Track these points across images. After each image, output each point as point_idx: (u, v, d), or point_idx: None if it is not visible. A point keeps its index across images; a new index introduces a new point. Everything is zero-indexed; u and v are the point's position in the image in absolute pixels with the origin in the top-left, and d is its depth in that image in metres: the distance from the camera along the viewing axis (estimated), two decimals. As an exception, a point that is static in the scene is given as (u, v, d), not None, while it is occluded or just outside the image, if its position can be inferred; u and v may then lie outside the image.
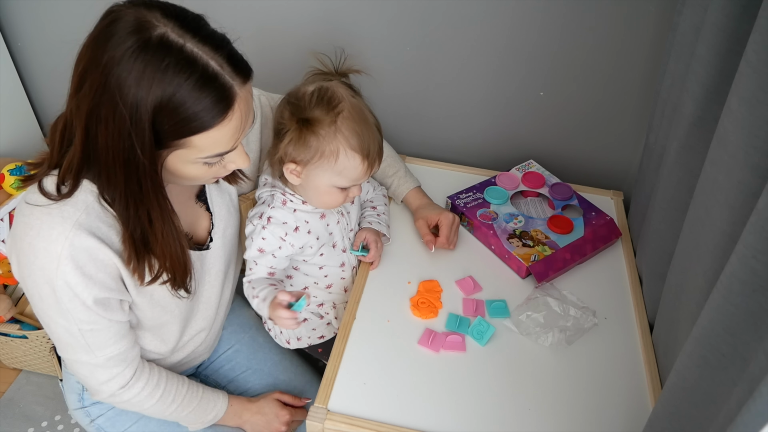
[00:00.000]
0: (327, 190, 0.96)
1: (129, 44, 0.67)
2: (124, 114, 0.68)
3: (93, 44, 0.70)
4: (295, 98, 0.93)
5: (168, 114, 0.69)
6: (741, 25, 0.74)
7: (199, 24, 0.72)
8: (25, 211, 0.77)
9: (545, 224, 1.17)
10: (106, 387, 0.88)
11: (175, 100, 0.68)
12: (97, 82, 0.69)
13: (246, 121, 0.77)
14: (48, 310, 0.80)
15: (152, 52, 0.67)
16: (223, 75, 0.71)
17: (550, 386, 0.93)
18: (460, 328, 1.00)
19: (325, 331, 1.15)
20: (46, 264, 0.76)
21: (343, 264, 1.10)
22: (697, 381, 0.66)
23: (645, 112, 1.28)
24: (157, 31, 0.68)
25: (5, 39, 1.54)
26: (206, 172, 0.80)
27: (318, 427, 0.87)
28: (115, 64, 0.67)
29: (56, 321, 0.81)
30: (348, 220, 1.09)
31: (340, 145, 0.90)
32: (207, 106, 0.70)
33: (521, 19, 1.21)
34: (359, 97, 0.96)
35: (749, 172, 0.63)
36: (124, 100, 0.68)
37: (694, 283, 0.78)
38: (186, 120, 0.70)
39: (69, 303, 0.78)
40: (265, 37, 1.37)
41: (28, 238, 0.76)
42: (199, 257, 0.94)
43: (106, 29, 0.69)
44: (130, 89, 0.67)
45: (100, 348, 0.85)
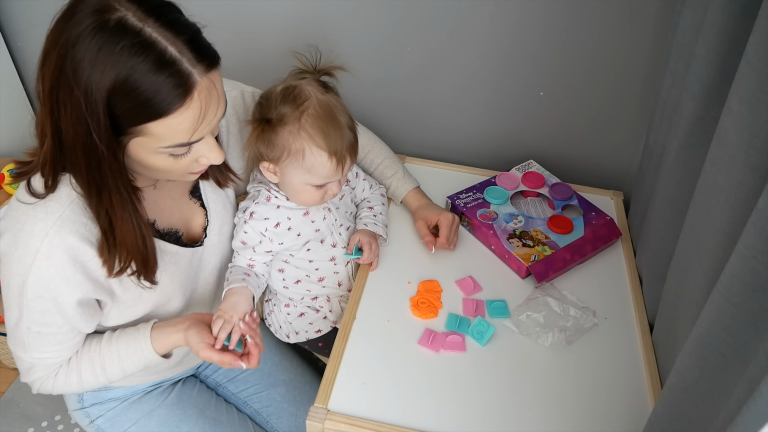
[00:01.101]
0: (302, 188, 0.97)
1: (86, 25, 0.66)
2: (79, 97, 0.67)
3: (56, 24, 0.69)
4: (264, 98, 0.94)
5: (122, 98, 0.68)
6: (741, 25, 0.74)
7: (164, 10, 0.70)
8: (14, 206, 0.78)
9: (545, 224, 1.17)
10: (31, 381, 0.89)
11: (129, 84, 0.67)
12: (55, 64, 0.68)
13: (208, 111, 0.74)
14: (10, 299, 0.81)
15: (108, 34, 0.66)
16: (181, 61, 0.69)
17: (550, 386, 0.93)
18: (460, 328, 1.00)
19: (322, 325, 1.15)
20: (24, 257, 0.76)
21: (334, 258, 1.10)
22: (697, 381, 0.66)
23: (645, 112, 1.28)
24: (117, 13, 0.67)
25: (5, 39, 1.54)
26: (175, 164, 0.77)
27: (318, 427, 0.87)
28: (71, 45, 0.66)
29: (12, 310, 0.82)
30: (336, 216, 1.08)
31: (305, 143, 0.91)
32: (162, 92, 0.68)
33: (521, 19, 1.21)
34: (331, 93, 0.95)
35: (749, 172, 0.63)
36: (78, 83, 0.67)
37: (694, 283, 0.78)
38: (141, 105, 0.68)
39: (32, 301, 0.79)
40: (263, 38, 1.37)
41: (13, 230, 0.77)
42: (193, 253, 0.94)
43: (69, 9, 0.68)
44: (84, 71, 0.66)
45: (36, 350, 0.85)
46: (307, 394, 1.18)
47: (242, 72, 1.47)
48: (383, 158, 1.21)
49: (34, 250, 0.76)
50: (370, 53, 1.35)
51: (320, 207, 1.05)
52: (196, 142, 0.76)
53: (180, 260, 0.92)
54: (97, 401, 1.03)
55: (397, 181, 1.21)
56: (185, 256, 0.93)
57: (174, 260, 0.91)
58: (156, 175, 0.82)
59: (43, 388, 0.90)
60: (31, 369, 0.88)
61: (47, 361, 0.87)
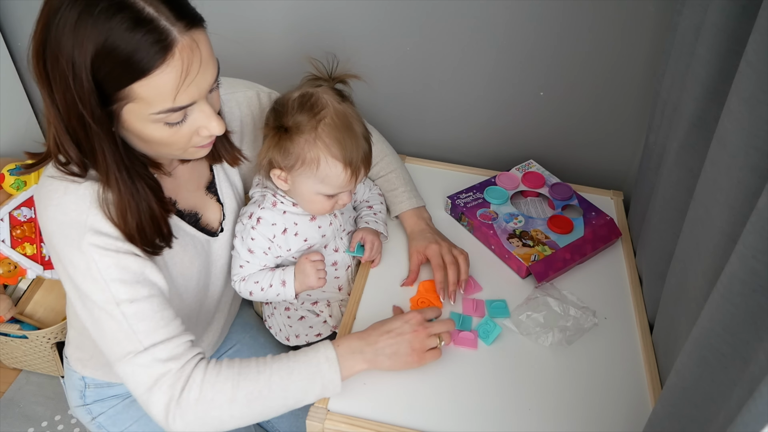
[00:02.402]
0: (313, 198, 0.96)
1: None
2: (64, 66, 0.67)
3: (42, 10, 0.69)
4: (280, 104, 0.93)
5: (103, 61, 0.67)
6: (741, 25, 0.74)
7: None
8: (46, 182, 0.77)
9: (545, 224, 1.17)
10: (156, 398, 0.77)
11: (108, 45, 0.66)
12: (39, 34, 0.68)
13: (191, 70, 0.71)
14: (83, 284, 0.76)
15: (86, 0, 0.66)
16: (159, 18, 0.68)
17: (551, 386, 0.93)
18: (463, 327, 1.00)
19: (322, 329, 1.15)
20: (75, 218, 0.75)
21: (336, 263, 1.10)
22: (697, 381, 0.66)
23: (645, 112, 1.28)
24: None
25: (5, 39, 1.54)
26: (174, 135, 0.76)
27: (318, 427, 0.87)
28: (53, 14, 0.67)
29: (94, 300, 0.76)
30: (341, 222, 1.08)
31: (320, 153, 0.90)
32: (141, 49, 0.67)
33: (521, 18, 1.21)
34: (348, 103, 0.94)
35: (749, 172, 0.63)
36: (62, 51, 0.67)
37: (694, 283, 0.78)
38: (121, 65, 0.68)
39: (101, 262, 0.75)
40: (260, 39, 1.37)
41: (55, 198, 0.76)
42: (208, 242, 0.95)
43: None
44: (68, 40, 0.66)
45: (145, 334, 0.76)
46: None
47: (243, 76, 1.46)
48: (391, 169, 1.18)
49: (86, 207, 0.75)
50: (370, 53, 1.34)
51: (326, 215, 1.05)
52: (188, 107, 0.74)
53: (197, 244, 0.93)
54: (99, 398, 1.03)
55: (400, 195, 1.16)
56: (201, 242, 0.93)
57: (192, 242, 0.91)
58: (160, 151, 0.80)
59: (184, 408, 0.76)
60: (158, 378, 0.76)
61: (167, 345, 0.77)
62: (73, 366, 1.04)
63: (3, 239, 1.43)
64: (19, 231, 1.44)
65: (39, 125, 1.68)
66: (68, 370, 1.05)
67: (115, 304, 0.76)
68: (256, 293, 1.02)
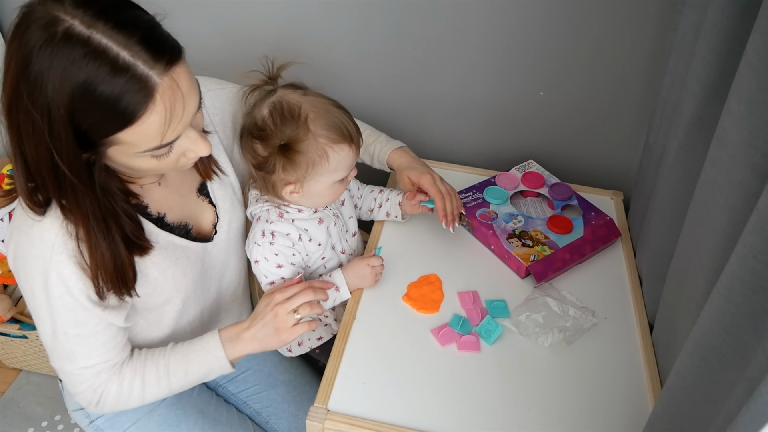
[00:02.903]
0: (329, 189, 0.97)
1: (34, 43, 0.63)
2: (38, 119, 0.65)
3: (8, 47, 0.66)
4: (258, 129, 0.91)
5: (83, 113, 0.65)
6: (741, 25, 0.74)
7: (114, 9, 0.66)
8: (18, 209, 0.77)
9: (545, 224, 1.17)
10: (86, 397, 0.87)
11: (87, 97, 0.64)
12: (9, 87, 0.65)
13: (175, 111, 0.70)
14: (38, 308, 0.79)
15: (57, 48, 0.63)
16: (136, 65, 0.65)
17: (550, 386, 0.93)
18: (463, 329, 1.00)
19: (323, 333, 1.15)
20: (41, 252, 0.75)
21: (341, 265, 1.10)
22: (697, 381, 0.66)
23: (645, 112, 1.28)
24: (63, 24, 0.63)
25: (5, 39, 1.54)
26: (162, 163, 0.75)
27: (318, 427, 0.87)
28: (23, 66, 0.64)
29: (44, 321, 0.80)
30: (344, 222, 1.09)
31: (325, 146, 0.90)
32: (122, 100, 0.65)
33: (521, 19, 1.21)
34: (306, 88, 0.95)
35: (749, 172, 0.63)
36: (35, 104, 0.64)
37: (694, 283, 0.78)
38: (103, 117, 0.66)
39: (59, 300, 0.77)
40: (258, 40, 1.37)
41: (25, 227, 0.75)
42: (203, 249, 0.94)
43: (17, 27, 0.66)
44: (40, 91, 0.64)
45: (82, 357, 0.83)
46: (307, 394, 1.18)
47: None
48: (364, 128, 1.19)
49: (50, 243, 0.74)
50: (370, 53, 1.35)
51: (330, 214, 1.05)
52: (175, 141, 0.74)
53: (190, 255, 0.92)
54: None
55: (380, 144, 1.17)
56: (195, 251, 0.93)
57: (185, 254, 0.91)
58: (147, 174, 0.81)
59: (103, 402, 0.87)
60: (81, 382, 0.85)
61: (96, 368, 0.85)
62: None
63: (3, 239, 1.43)
64: (18, 231, 1.44)
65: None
66: None
67: (62, 332, 0.80)
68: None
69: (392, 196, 1.18)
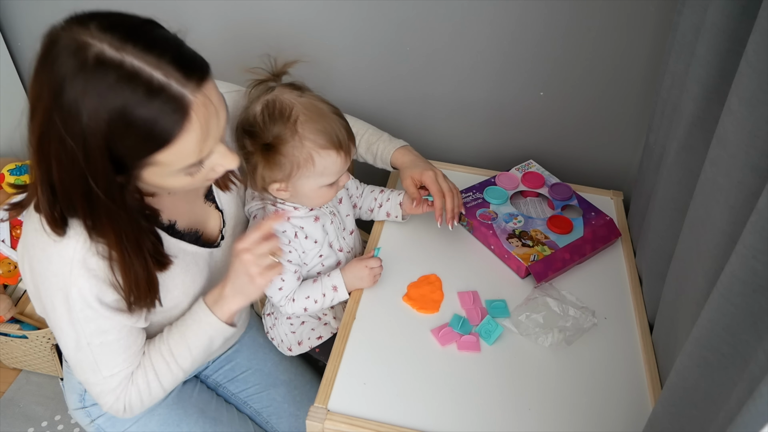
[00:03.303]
0: (316, 192, 0.96)
1: (65, 70, 0.63)
2: (73, 147, 0.65)
3: (35, 74, 0.66)
4: (249, 125, 0.91)
5: (120, 137, 0.65)
6: (741, 25, 0.74)
7: (140, 31, 0.66)
8: (35, 217, 0.76)
9: (545, 224, 1.17)
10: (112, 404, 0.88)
11: (124, 121, 0.64)
12: (42, 116, 0.65)
13: (210, 126, 0.70)
14: (59, 321, 0.79)
15: (90, 74, 0.63)
16: (170, 85, 0.65)
17: (550, 386, 0.93)
18: (463, 328, 1.00)
19: (323, 332, 1.15)
20: (60, 269, 0.75)
21: (339, 263, 1.10)
22: (697, 381, 0.66)
23: (645, 112, 1.28)
24: (93, 49, 0.63)
25: (5, 39, 1.54)
26: (193, 180, 0.76)
27: (318, 427, 0.87)
28: (56, 94, 0.63)
29: (67, 333, 0.80)
30: (341, 220, 1.08)
31: (310, 150, 0.90)
32: (159, 122, 0.65)
33: (522, 19, 1.21)
34: (307, 91, 0.94)
35: (749, 172, 0.63)
36: (70, 132, 0.64)
37: (694, 283, 0.78)
38: (141, 140, 0.66)
39: (80, 312, 0.78)
40: (257, 40, 1.37)
41: (42, 244, 0.75)
42: (210, 254, 0.95)
43: (45, 56, 0.65)
44: (75, 119, 0.63)
45: (106, 365, 0.84)
46: (307, 394, 1.18)
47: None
48: (366, 129, 1.20)
49: (69, 259, 0.74)
50: (370, 53, 1.35)
51: (327, 212, 1.05)
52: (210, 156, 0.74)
53: (199, 260, 0.93)
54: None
55: (383, 144, 1.17)
56: (203, 257, 0.93)
57: (194, 260, 0.92)
58: (176, 192, 0.82)
59: (130, 406, 0.88)
60: (107, 392, 0.86)
61: (119, 376, 0.85)
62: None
63: (3, 239, 1.43)
64: (19, 231, 1.44)
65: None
66: (67, 372, 1.05)
67: (86, 342, 0.81)
68: (311, 307, 1.03)
69: (393, 196, 1.18)
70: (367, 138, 1.18)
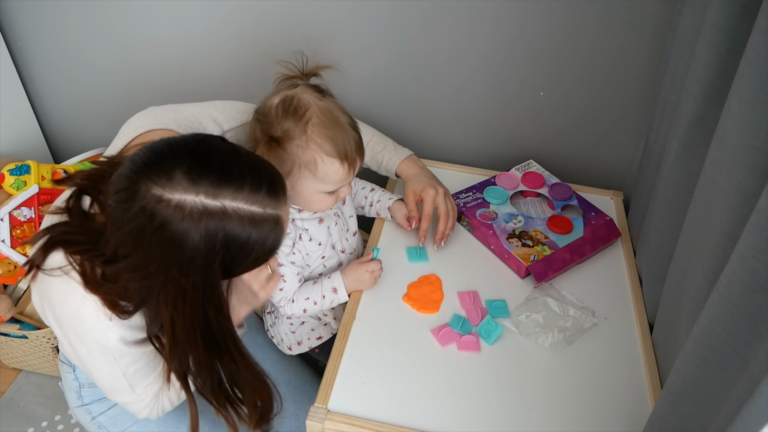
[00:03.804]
0: (314, 197, 0.96)
1: (173, 232, 0.66)
2: (195, 294, 0.69)
3: (139, 243, 0.68)
4: (263, 114, 0.91)
5: (233, 268, 0.71)
6: (741, 25, 0.74)
7: (226, 171, 0.69)
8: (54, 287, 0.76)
9: (545, 224, 1.17)
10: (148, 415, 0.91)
11: (238, 258, 0.70)
12: (160, 274, 0.68)
13: (285, 226, 0.76)
14: (94, 361, 0.81)
15: (198, 228, 0.66)
16: (266, 214, 0.70)
17: (550, 386, 0.93)
18: (463, 328, 1.00)
19: (323, 332, 1.15)
20: (95, 326, 0.76)
21: (341, 264, 1.10)
22: (697, 381, 0.66)
23: (645, 112, 1.28)
24: (193, 205, 0.66)
25: (5, 39, 1.54)
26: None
27: (318, 427, 0.87)
28: (172, 255, 0.67)
29: (101, 369, 0.82)
30: (344, 221, 1.08)
31: (315, 154, 0.89)
32: (266, 244, 0.72)
33: (521, 19, 1.21)
34: (329, 97, 0.94)
35: (749, 172, 0.63)
36: (188, 278, 0.68)
37: (694, 283, 0.78)
38: (251, 265, 0.73)
39: (117, 352, 0.80)
40: (255, 40, 1.37)
41: (74, 305, 0.75)
42: None
43: (145, 227, 0.66)
44: (192, 268, 0.68)
45: (140, 384, 0.86)
46: (307, 394, 1.18)
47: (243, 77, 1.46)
48: (371, 136, 1.20)
49: (105, 327, 0.76)
50: (370, 53, 1.34)
51: (331, 213, 1.05)
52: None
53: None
54: (97, 398, 1.03)
55: (388, 154, 1.17)
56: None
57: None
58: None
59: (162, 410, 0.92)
60: (144, 407, 0.89)
61: (153, 390, 0.88)
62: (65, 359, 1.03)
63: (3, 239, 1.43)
64: (19, 231, 1.44)
65: (39, 125, 1.68)
66: (63, 371, 1.05)
67: (122, 373, 0.83)
68: (311, 308, 1.04)
69: (383, 199, 1.18)
70: (372, 146, 1.18)
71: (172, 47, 1.45)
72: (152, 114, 0.93)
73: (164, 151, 0.68)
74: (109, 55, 1.51)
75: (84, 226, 0.75)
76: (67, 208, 0.76)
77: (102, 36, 1.47)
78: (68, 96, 1.63)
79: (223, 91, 1.48)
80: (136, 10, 1.40)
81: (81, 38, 1.49)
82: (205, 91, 1.50)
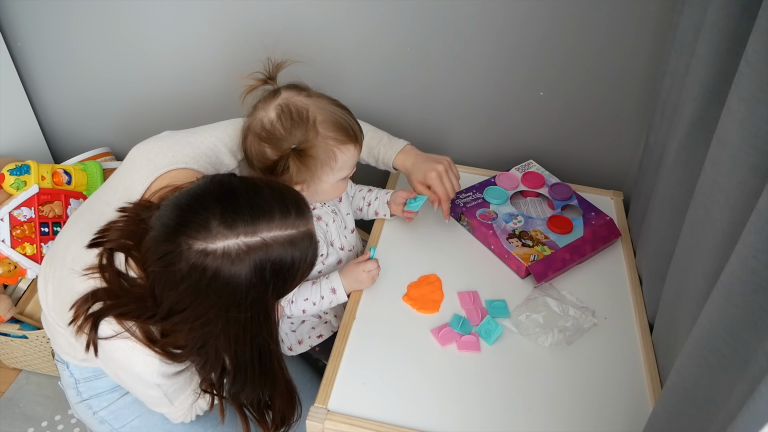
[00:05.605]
0: (334, 187, 0.99)
1: (226, 278, 0.70)
2: (254, 325, 0.75)
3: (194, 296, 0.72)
4: (268, 133, 0.91)
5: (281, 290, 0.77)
6: (741, 25, 0.74)
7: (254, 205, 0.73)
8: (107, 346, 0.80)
9: (545, 224, 1.17)
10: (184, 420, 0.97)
11: (285, 280, 0.75)
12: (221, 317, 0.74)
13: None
14: (139, 387, 0.88)
15: (245, 267, 0.70)
16: (300, 232, 0.75)
17: (550, 386, 0.93)
18: (463, 328, 1.00)
19: (324, 330, 1.15)
20: (143, 370, 0.82)
21: (341, 261, 1.10)
22: (697, 381, 0.66)
23: (645, 112, 1.28)
24: (237, 248, 0.70)
25: (5, 39, 1.54)
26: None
27: (318, 427, 0.87)
28: (230, 299, 0.72)
29: (146, 393, 0.89)
30: (342, 218, 1.09)
31: (333, 147, 0.92)
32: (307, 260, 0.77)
33: (521, 19, 1.21)
34: (309, 89, 0.96)
35: (749, 172, 0.63)
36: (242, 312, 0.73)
37: (694, 283, 0.78)
38: (297, 282, 0.78)
39: (161, 383, 0.85)
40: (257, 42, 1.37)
41: (123, 354, 0.80)
42: None
43: (199, 282, 0.70)
44: (246, 304, 0.73)
45: (178, 398, 0.91)
46: (307, 394, 1.17)
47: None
48: (366, 131, 1.19)
49: (152, 370, 0.82)
50: (370, 53, 1.34)
51: (329, 210, 1.05)
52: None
53: None
54: (95, 393, 1.03)
55: (384, 147, 1.18)
56: None
57: None
58: None
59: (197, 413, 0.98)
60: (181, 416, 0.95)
61: (190, 399, 0.93)
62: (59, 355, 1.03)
63: (3, 239, 1.43)
64: (19, 231, 1.44)
65: (39, 125, 1.68)
66: (60, 369, 1.05)
67: (163, 393, 0.88)
68: (310, 309, 1.04)
69: (380, 195, 1.19)
70: (367, 141, 1.19)
71: (173, 47, 1.45)
72: (170, 149, 0.92)
73: (192, 206, 0.72)
74: (109, 55, 1.51)
75: (124, 289, 0.78)
76: (102, 271, 0.79)
77: (102, 36, 1.48)
78: (68, 96, 1.64)
79: (223, 91, 1.48)
80: (136, 10, 1.40)
81: (81, 38, 1.49)
82: (205, 90, 1.50)
